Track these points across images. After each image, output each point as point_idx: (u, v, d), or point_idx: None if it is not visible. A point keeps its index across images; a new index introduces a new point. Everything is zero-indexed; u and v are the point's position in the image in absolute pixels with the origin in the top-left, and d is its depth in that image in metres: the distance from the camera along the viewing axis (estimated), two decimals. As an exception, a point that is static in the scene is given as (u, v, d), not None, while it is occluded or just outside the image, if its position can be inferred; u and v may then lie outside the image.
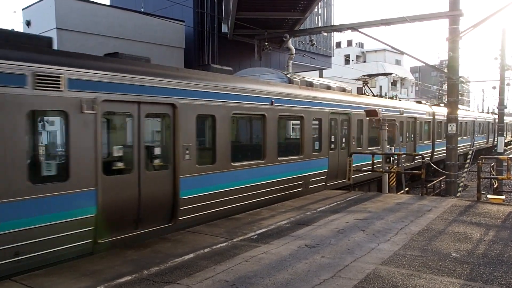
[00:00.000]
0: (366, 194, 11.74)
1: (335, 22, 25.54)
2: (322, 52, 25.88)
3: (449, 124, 15.05)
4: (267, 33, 19.49)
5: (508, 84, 31.18)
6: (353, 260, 5.80)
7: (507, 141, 38.16)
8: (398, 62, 68.88)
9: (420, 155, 13.85)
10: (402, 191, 15.04)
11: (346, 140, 13.75)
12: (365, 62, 64.55)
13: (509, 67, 27.22)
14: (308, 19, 20.56)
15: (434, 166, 13.84)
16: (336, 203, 10.14)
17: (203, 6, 19.83)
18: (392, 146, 15.93)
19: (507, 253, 6.13)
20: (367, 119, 14.46)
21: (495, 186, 17.48)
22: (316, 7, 20.65)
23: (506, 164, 11.23)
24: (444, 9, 15.43)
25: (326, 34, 24.49)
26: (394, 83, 61.01)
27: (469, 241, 6.76)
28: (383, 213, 8.95)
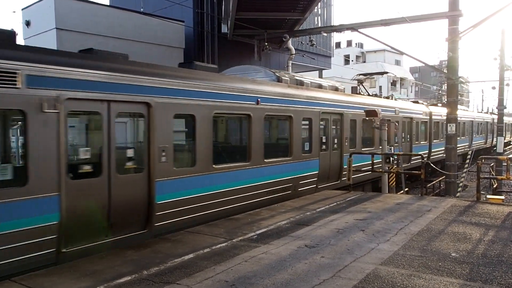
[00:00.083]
0: (366, 194, 11.74)
1: (335, 22, 25.60)
2: (322, 52, 25.91)
3: (448, 124, 15.07)
4: (266, 33, 19.52)
5: (507, 85, 31.27)
6: (352, 260, 5.81)
7: (506, 141, 38.16)
8: (397, 63, 68.95)
9: (419, 155, 13.88)
10: (402, 191, 15.05)
11: (338, 141, 13.33)
12: (364, 62, 64.61)
13: (508, 67, 27.22)
14: (307, 19, 20.60)
15: (433, 166, 13.84)
16: (335, 203, 10.15)
17: (203, 6, 19.85)
18: (391, 147, 15.92)
19: (506, 253, 6.14)
20: (361, 119, 14.23)
21: (494, 186, 17.48)
22: (315, 8, 20.70)
23: (506, 164, 11.25)
24: (443, 9, 15.44)
25: (325, 35, 24.53)
26: (393, 83, 61.06)
27: (468, 241, 6.77)
28: (382, 213, 8.95)
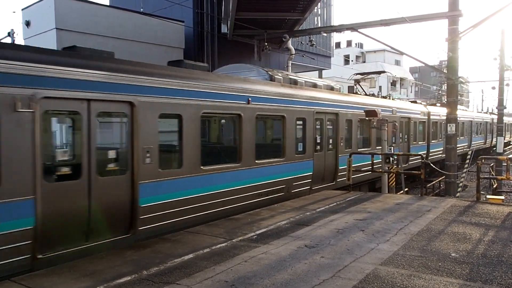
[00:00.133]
0: (366, 195, 11.74)
1: (335, 22, 25.62)
2: (322, 52, 25.92)
3: (448, 124, 15.08)
4: (266, 33, 19.53)
5: (507, 85, 31.25)
6: (352, 260, 5.81)
7: (506, 141, 38.16)
8: (397, 63, 68.95)
9: (419, 155, 13.89)
10: (402, 192, 15.05)
11: (333, 141, 13.02)
12: (364, 62, 64.59)
13: (508, 67, 27.21)
14: (307, 19, 20.62)
15: (433, 166, 13.82)
16: (335, 203, 10.15)
17: (202, 6, 19.85)
18: (391, 147, 15.90)
19: (506, 253, 6.14)
20: (357, 119, 14.06)
21: (494, 187, 17.47)
22: (315, 8, 20.72)
23: (506, 164, 11.24)
24: (443, 9, 15.44)
25: (325, 35, 24.55)
26: (393, 83, 61.06)
27: (468, 241, 6.77)
28: (382, 213, 8.95)
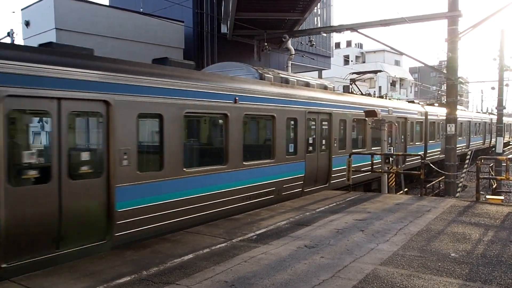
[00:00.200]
0: (365, 195, 11.74)
1: (334, 22, 25.69)
2: (322, 52, 25.95)
3: (448, 124, 15.09)
4: (266, 33, 19.55)
5: (507, 85, 31.30)
6: (352, 260, 5.81)
7: (505, 141, 38.17)
8: (397, 63, 68.97)
9: (419, 155, 13.88)
10: (401, 192, 15.06)
11: (326, 142, 12.65)
12: (364, 62, 64.62)
13: (507, 68, 27.28)
14: (307, 19, 20.63)
15: (432, 166, 13.82)
16: (335, 204, 10.15)
17: (202, 6, 19.87)
18: (391, 147, 15.90)
19: (506, 253, 6.14)
20: (352, 119, 13.87)
21: (494, 187, 17.50)
22: (315, 8, 20.74)
23: (505, 164, 11.25)
24: (443, 9, 15.44)
25: (325, 35, 24.56)
26: (393, 83, 61.08)
27: (468, 241, 6.77)
28: (382, 213, 8.95)
